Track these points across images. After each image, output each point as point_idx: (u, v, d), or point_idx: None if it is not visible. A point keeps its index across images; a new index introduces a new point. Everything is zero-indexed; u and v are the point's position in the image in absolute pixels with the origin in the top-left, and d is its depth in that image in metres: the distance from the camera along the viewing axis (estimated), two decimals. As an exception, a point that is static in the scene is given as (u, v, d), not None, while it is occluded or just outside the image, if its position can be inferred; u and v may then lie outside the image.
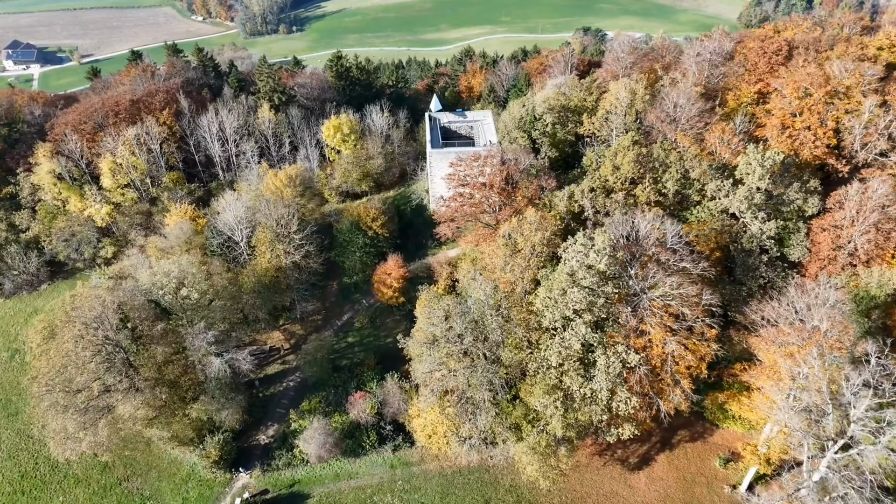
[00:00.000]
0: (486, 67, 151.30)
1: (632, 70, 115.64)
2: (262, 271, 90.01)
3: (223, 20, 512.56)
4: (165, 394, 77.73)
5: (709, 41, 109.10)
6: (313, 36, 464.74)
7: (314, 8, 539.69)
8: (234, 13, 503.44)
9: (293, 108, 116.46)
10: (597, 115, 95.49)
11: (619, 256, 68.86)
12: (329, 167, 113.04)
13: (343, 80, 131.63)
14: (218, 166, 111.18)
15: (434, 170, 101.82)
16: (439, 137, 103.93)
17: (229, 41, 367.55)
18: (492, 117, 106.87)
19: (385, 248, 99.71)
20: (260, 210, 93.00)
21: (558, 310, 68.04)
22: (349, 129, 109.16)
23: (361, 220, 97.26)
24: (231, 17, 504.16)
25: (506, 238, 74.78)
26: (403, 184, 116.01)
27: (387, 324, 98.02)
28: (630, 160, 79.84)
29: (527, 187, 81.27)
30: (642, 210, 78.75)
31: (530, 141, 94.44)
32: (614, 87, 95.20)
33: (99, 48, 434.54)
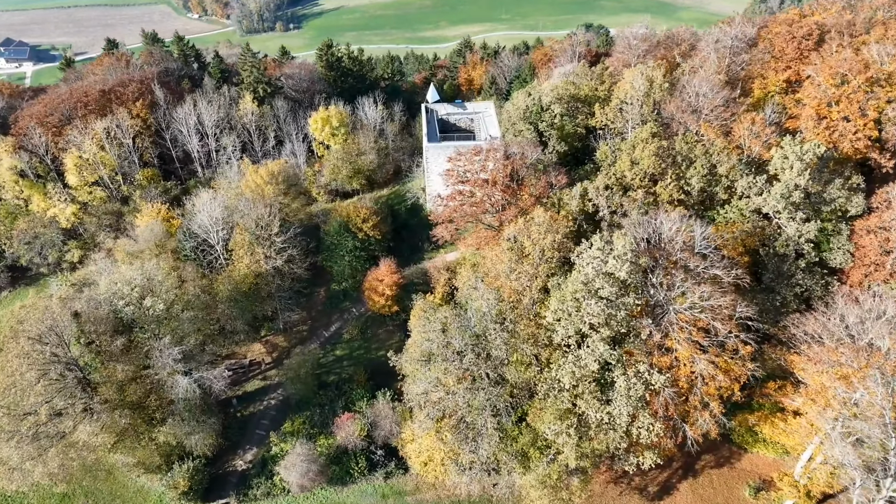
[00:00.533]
0: (487, 59, 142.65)
1: (644, 59, 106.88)
2: (239, 278, 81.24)
3: (219, 18, 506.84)
4: (128, 417, 69.00)
5: (729, 27, 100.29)
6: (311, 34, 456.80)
7: (311, 5, 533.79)
8: (230, 11, 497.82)
9: (279, 101, 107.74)
10: (610, 105, 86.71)
11: (642, 263, 60.05)
12: (317, 163, 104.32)
13: (334, 70, 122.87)
14: (196, 162, 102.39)
15: (431, 165, 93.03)
16: (436, 130, 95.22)
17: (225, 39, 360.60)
18: (494, 109, 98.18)
19: (377, 251, 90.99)
20: (239, 210, 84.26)
21: (572, 324, 59.28)
22: (339, 121, 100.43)
23: (351, 221, 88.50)
24: (227, 15, 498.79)
25: (511, 241, 66.04)
26: (398, 181, 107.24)
27: (379, 335, 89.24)
28: (650, 154, 71.09)
29: (534, 184, 72.55)
30: (664, 209, 70.05)
31: (537, 134, 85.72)
32: (629, 74, 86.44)
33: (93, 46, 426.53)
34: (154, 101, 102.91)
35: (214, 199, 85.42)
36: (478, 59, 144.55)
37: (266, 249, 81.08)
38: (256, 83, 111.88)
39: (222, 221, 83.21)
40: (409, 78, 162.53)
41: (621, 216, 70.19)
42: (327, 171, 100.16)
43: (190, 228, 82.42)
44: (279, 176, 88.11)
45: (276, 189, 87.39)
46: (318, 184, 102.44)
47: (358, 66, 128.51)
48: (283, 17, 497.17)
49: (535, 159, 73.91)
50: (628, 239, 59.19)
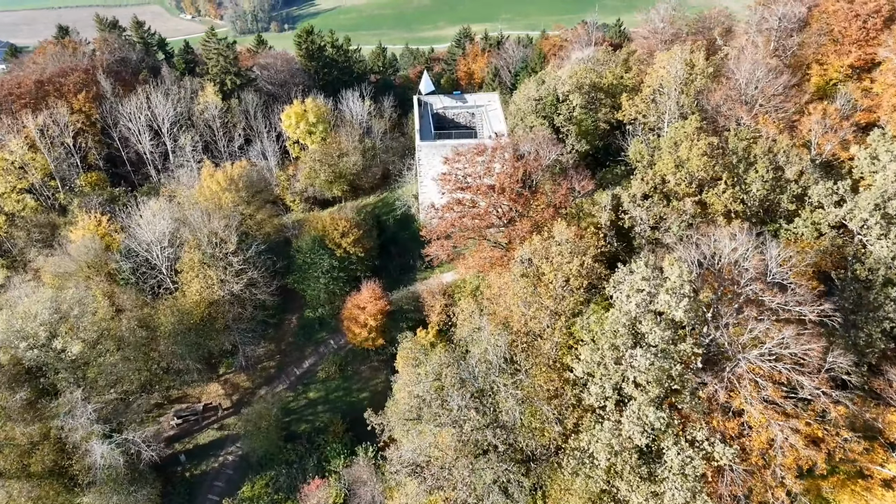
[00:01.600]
0: (489, 50, 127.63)
1: (673, 44, 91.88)
2: (189, 306, 66.07)
3: (213, 18, 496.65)
4: (35, 489, 53.79)
5: (776, 4, 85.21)
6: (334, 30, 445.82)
7: (307, 5, 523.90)
8: (223, 11, 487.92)
9: (249, 94, 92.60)
10: (640, 95, 71.59)
11: (704, 298, 44.78)
12: (291, 166, 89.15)
13: (315, 60, 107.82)
14: (150, 164, 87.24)
15: (424, 168, 77.90)
16: (431, 127, 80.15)
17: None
18: (499, 101, 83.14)
19: (359, 272, 75.79)
20: (190, 222, 69.12)
21: (609, 379, 44.14)
22: (317, 116, 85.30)
23: (328, 235, 73.30)
24: (221, 15, 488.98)
25: (524, 265, 50.84)
26: (386, 187, 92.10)
27: (361, 372, 74.04)
28: (699, 153, 55.93)
29: (552, 191, 57.33)
30: (717, 223, 54.95)
31: (552, 129, 70.57)
32: (663, 58, 71.33)
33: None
34: (100, 93, 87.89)
35: (161, 209, 70.22)
36: (479, 51, 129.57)
37: (221, 272, 65.89)
38: (224, 73, 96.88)
39: (169, 237, 68.02)
40: (403, 72, 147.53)
41: (664, 232, 54.94)
42: (303, 176, 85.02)
43: (129, 246, 67.13)
44: (240, 181, 72.89)
45: (235, 197, 72.24)
46: (293, 190, 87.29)
47: (343, 57, 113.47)
48: (278, 18, 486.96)
49: (553, 159, 58.65)
50: (684, 267, 43.96)
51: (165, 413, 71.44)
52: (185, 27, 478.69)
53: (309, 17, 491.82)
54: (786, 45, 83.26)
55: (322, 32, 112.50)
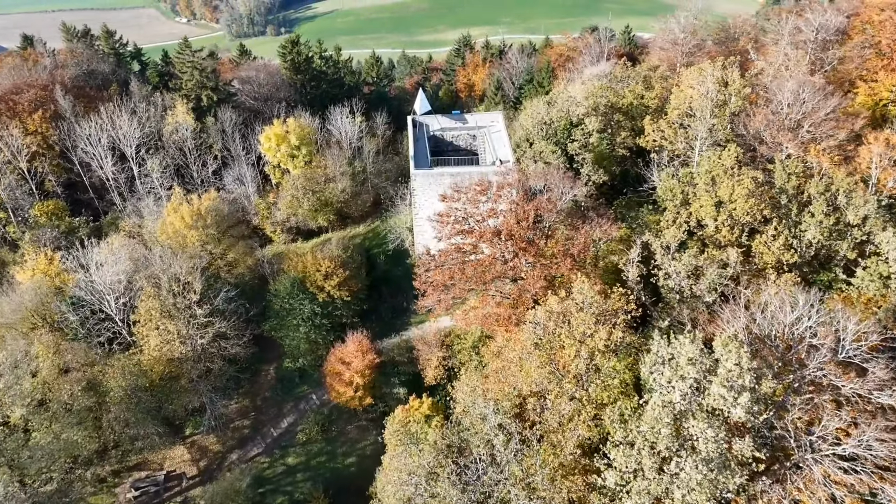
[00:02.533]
0: (491, 60, 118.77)
1: (695, 57, 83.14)
2: (147, 363, 57.07)
3: (209, 21, 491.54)
4: None
5: (812, 13, 76.43)
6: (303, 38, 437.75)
7: (304, 9, 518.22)
8: (219, 14, 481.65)
9: (227, 111, 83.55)
10: (666, 118, 62.63)
11: (766, 389, 35.64)
12: (272, 192, 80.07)
13: (302, 73, 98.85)
14: (113, 191, 78.16)
15: (420, 199, 68.88)
16: (427, 152, 71.16)
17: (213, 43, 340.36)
18: (503, 122, 74.16)
19: (345, 317, 66.74)
20: (150, 264, 60.11)
21: (649, 494, 35.05)
22: (300, 138, 76.27)
23: (309, 277, 64.24)
24: (217, 19, 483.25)
25: (537, 333, 41.81)
26: (378, 215, 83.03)
27: (347, 433, 64.89)
28: (745, 192, 46.96)
29: (569, 239, 48.27)
30: (766, 276, 46.04)
31: (564, 156, 61.51)
32: (690, 75, 62.32)
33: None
34: (59, 112, 78.87)
35: (118, 248, 61.18)
36: (479, 60, 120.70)
37: (183, 325, 56.82)
38: (199, 88, 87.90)
39: (125, 283, 58.98)
40: (399, 83, 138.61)
41: (709, 291, 45.83)
42: (284, 205, 75.98)
43: (77, 295, 58.05)
44: (209, 216, 63.75)
45: (203, 235, 63.13)
46: (274, 220, 78.20)
47: (333, 69, 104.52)
48: (275, 21, 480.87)
49: (569, 199, 49.60)
50: (742, 352, 34.86)
51: (122, 482, 62.31)
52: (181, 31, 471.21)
53: (306, 20, 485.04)
54: (823, 58, 74.58)
55: (310, 42, 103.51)
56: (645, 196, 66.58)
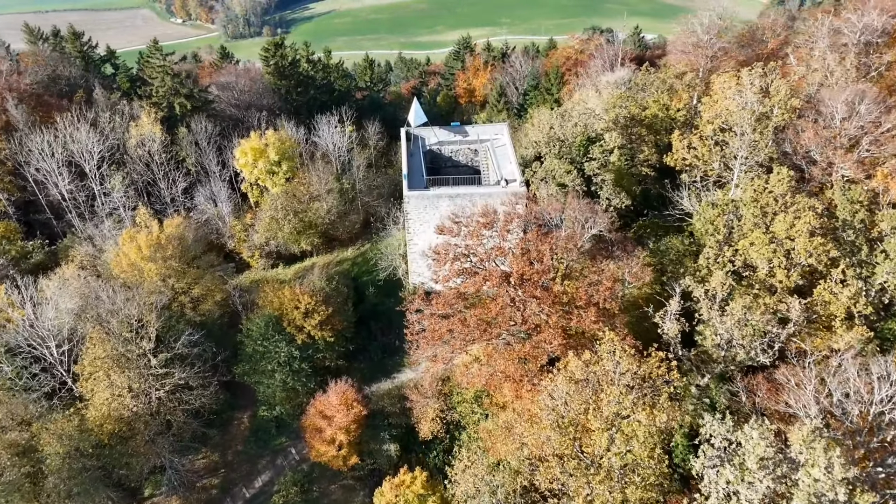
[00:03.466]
0: (493, 63, 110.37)
1: (720, 61, 74.92)
2: (93, 421, 48.68)
3: (204, 22, 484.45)
4: None
5: (855, 14, 68.15)
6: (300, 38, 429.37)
7: (301, 9, 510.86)
8: (215, 15, 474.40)
9: (202, 121, 74.98)
10: (698, 132, 54.24)
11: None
12: (250, 213, 71.61)
13: (287, 79, 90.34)
14: (71, 212, 69.60)
15: (414, 224, 60.52)
16: (423, 169, 62.70)
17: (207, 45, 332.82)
18: (508, 135, 65.76)
19: (328, 359, 58.35)
20: (100, 303, 51.68)
21: None
22: (280, 152, 67.82)
23: (286, 315, 55.80)
24: (212, 20, 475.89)
25: (557, 410, 33.46)
26: (368, 237, 74.65)
27: (330, 494, 56.49)
28: (809, 227, 38.63)
29: (593, 284, 39.82)
30: (834, 328, 37.71)
31: (581, 179, 53.11)
32: (724, 83, 53.90)
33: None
34: (10, 123, 70.47)
35: (64, 284, 52.76)
36: (480, 64, 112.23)
37: (136, 376, 48.40)
38: (173, 95, 79.46)
39: (70, 324, 50.57)
40: (394, 87, 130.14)
41: (763, 349, 37.46)
42: (261, 228, 67.54)
43: (9, 343, 49.55)
44: (170, 245, 55.22)
45: (163, 267, 54.60)
46: (251, 243, 69.74)
47: (322, 73, 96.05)
48: (271, 22, 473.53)
49: (592, 235, 41.16)
50: (834, 454, 26.52)
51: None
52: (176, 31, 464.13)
53: (303, 21, 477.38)
54: (868, 63, 66.26)
55: (296, 44, 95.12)
56: (670, 221, 58.32)
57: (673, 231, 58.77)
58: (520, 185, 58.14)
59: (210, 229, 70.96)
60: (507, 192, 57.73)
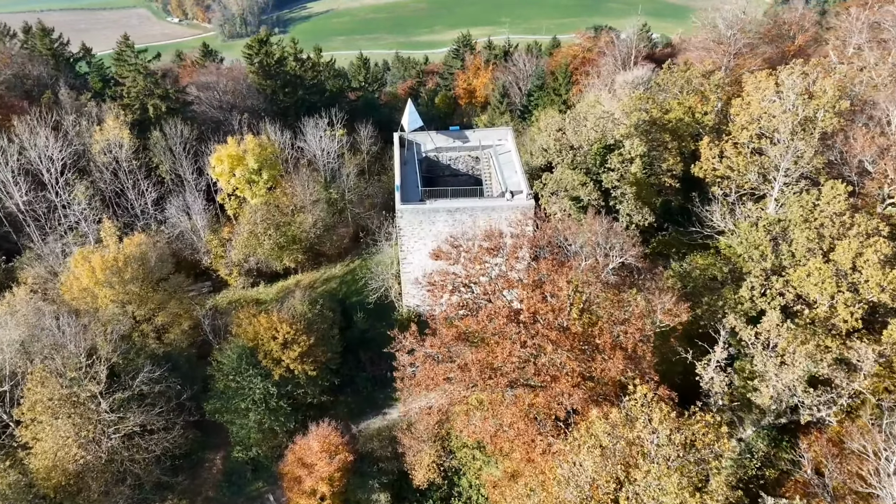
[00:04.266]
0: (494, 62, 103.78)
1: (744, 59, 68.48)
2: (37, 472, 42.03)
3: (201, 21, 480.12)
4: None
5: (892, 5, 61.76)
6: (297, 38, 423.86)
7: (299, 9, 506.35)
8: (211, 14, 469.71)
9: (178, 124, 68.32)
10: (731, 138, 47.60)
11: None
12: (227, 226, 64.89)
13: (272, 78, 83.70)
14: (30, 225, 62.88)
15: (408, 241, 53.93)
16: (418, 178, 56.02)
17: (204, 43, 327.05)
18: (512, 139, 59.19)
19: (310, 395, 51.61)
20: (46, 335, 45.03)
21: None
22: (260, 160, 61.17)
23: (262, 346, 49.12)
24: (209, 19, 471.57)
25: (581, 492, 26.85)
26: (358, 252, 68.02)
27: (313, 548, 49.76)
28: (879, 255, 32.02)
29: (619, 324, 33.15)
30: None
31: (599, 192, 46.41)
32: (760, 84, 47.24)
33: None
34: (-37, 127, 64.05)
35: (6, 315, 46.07)
36: (481, 63, 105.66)
37: (85, 423, 41.76)
38: (146, 96, 72.85)
39: (10, 360, 43.88)
40: (391, 88, 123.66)
41: (827, 405, 30.85)
42: (239, 243, 60.87)
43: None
44: (129, 267, 48.50)
45: (120, 293, 47.90)
46: (229, 260, 63.07)
47: (311, 73, 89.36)
48: (268, 21, 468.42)
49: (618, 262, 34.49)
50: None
51: None
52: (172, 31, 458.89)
53: (300, 20, 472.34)
54: (912, 60, 59.58)
55: (283, 42, 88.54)
56: (697, 238, 51.76)
57: (697, 248, 52.44)
58: (527, 199, 51.56)
59: (184, 244, 64.34)
60: (513, 206, 51.17)
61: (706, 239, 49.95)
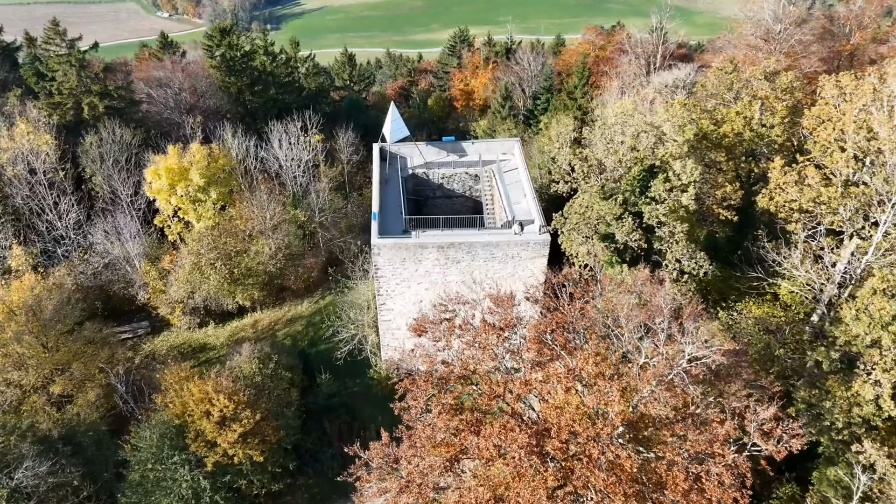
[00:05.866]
0: (495, 60, 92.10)
1: (801, 58, 57.26)
2: None
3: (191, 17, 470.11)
4: None
5: None
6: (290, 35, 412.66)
7: (292, 5, 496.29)
8: (202, 9, 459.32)
9: (113, 127, 56.46)
10: (808, 159, 36.12)
11: None
12: (171, 254, 52.90)
13: (238, 75, 71.78)
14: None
15: (387, 285, 42.19)
16: (402, 203, 44.23)
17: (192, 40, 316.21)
18: (521, 154, 47.60)
19: (258, 485, 39.71)
20: None
21: None
22: (206, 174, 49.31)
23: (192, 422, 37.28)
24: (199, 14, 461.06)
25: None
26: (329, 286, 55.98)
27: None
28: None
29: (696, 457, 21.51)
30: None
31: (640, 231, 34.80)
32: (843, 88, 35.78)
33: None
34: None
35: None
36: (480, 61, 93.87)
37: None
38: (81, 93, 60.95)
39: None
40: (379, 87, 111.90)
41: None
42: (180, 277, 48.95)
43: None
44: (11, 324, 36.55)
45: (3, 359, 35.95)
46: (171, 297, 51.08)
47: (285, 69, 77.44)
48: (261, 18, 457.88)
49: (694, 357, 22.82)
50: None
51: None
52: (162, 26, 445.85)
53: (294, 17, 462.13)
54: None
55: (252, 33, 76.63)
56: (754, 283, 40.51)
57: (751, 294, 41.21)
58: (541, 232, 40.01)
59: (115, 275, 52.36)
60: (523, 241, 39.62)
61: (758, 279, 38.88)
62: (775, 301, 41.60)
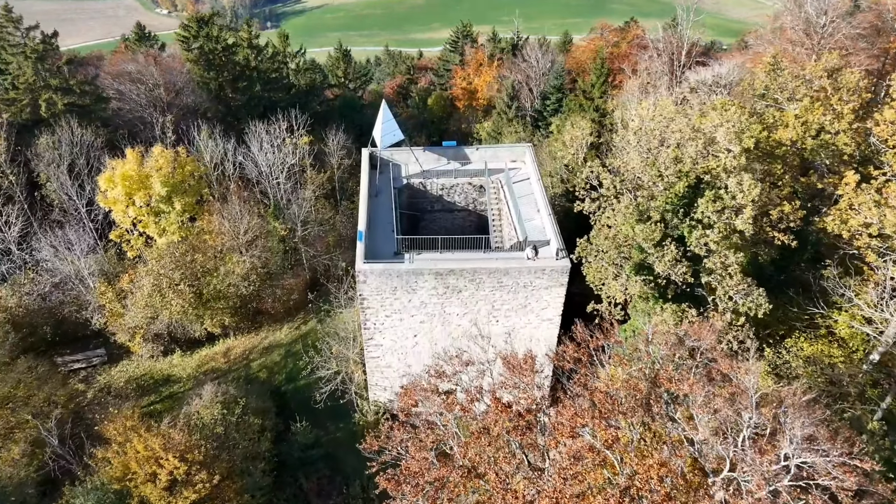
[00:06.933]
0: (500, 57, 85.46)
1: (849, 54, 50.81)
2: None
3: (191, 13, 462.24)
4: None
5: None
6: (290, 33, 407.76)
7: (292, 3, 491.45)
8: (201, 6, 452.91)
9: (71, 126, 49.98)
10: (885, 173, 29.50)
11: None
12: (130, 273, 46.27)
13: (218, 69, 65.17)
14: None
15: (374, 318, 35.54)
16: (394, 219, 37.62)
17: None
18: (533, 162, 40.99)
19: (217, 561, 33.04)
20: None
21: None
22: (170, 182, 42.69)
23: (136, 487, 30.63)
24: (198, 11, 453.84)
25: None
26: (313, 310, 49.30)
27: None
28: None
29: None
30: None
31: (685, 262, 28.25)
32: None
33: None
34: None
35: None
36: (484, 58, 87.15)
37: None
38: (39, 88, 54.42)
39: None
40: (375, 86, 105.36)
41: None
42: (138, 301, 42.32)
43: None
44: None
45: None
46: (129, 323, 44.44)
47: (273, 63, 70.83)
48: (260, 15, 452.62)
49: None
50: None
51: None
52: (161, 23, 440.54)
53: (293, 14, 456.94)
54: None
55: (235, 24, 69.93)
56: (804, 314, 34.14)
57: (801, 327, 34.86)
58: (558, 257, 33.35)
59: (66, 297, 45.72)
60: (538, 268, 33.01)
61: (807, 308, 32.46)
62: (830, 337, 35.34)
